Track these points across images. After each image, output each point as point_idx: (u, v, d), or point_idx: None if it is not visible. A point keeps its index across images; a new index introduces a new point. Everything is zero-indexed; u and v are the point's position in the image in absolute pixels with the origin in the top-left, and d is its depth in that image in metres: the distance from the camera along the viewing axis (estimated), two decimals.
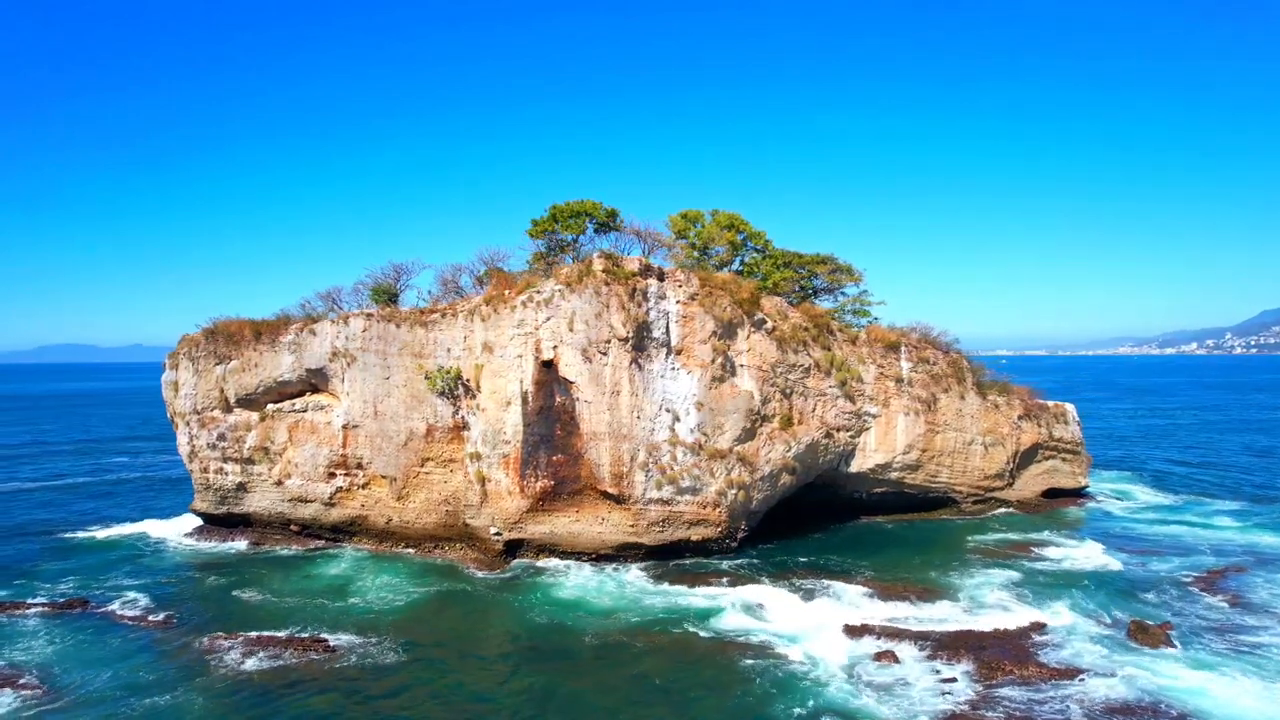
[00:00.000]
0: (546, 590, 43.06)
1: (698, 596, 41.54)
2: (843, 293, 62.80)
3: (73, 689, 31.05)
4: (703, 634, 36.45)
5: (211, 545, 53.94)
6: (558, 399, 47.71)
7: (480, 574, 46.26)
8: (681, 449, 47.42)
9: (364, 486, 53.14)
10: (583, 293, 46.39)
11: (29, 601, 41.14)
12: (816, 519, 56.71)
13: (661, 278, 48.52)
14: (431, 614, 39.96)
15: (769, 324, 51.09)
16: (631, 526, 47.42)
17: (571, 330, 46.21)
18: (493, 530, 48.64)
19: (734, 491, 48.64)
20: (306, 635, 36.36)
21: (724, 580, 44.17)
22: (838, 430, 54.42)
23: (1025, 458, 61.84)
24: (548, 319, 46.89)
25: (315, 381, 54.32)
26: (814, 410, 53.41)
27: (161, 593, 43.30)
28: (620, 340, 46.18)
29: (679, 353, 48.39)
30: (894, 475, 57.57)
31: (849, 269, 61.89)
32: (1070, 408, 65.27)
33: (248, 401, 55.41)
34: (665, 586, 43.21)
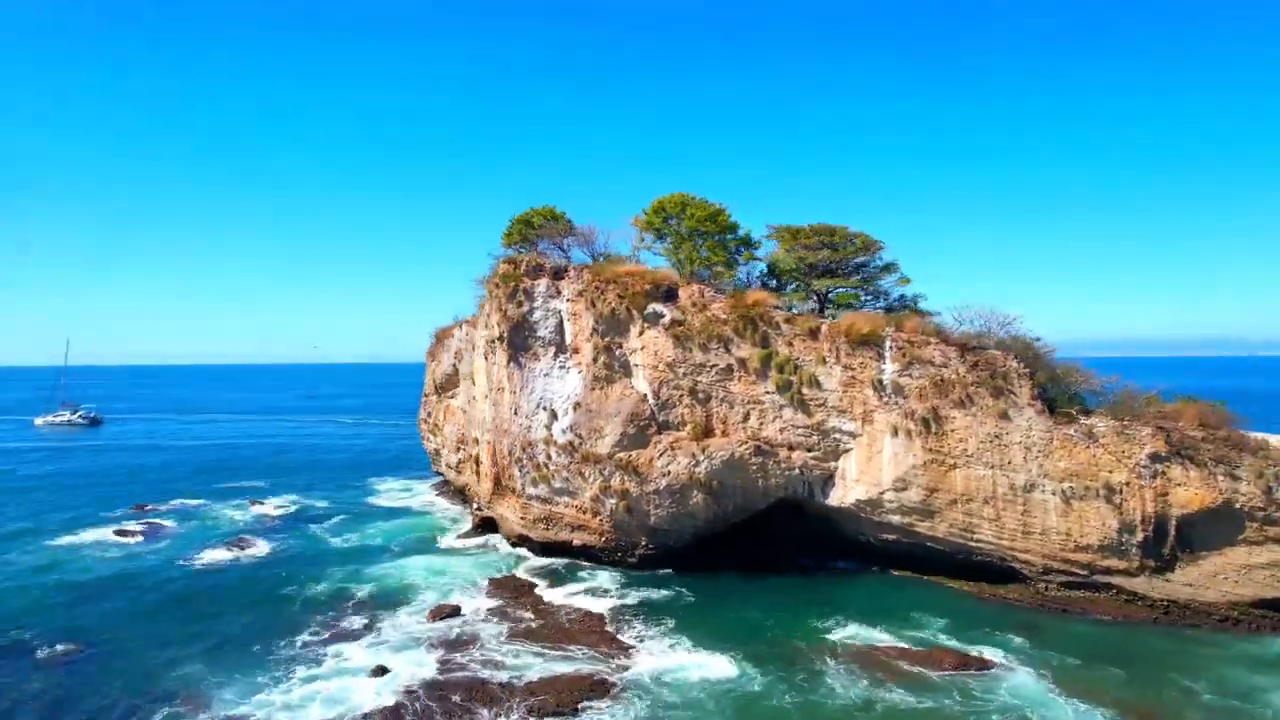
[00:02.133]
0: (433, 555, 48.72)
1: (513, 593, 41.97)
2: (871, 268, 46.72)
3: None
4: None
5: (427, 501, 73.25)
6: None
7: (456, 541, 53.43)
8: (555, 449, 46.54)
9: (473, 459, 65.50)
10: (488, 297, 50.07)
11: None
12: (819, 558, 45.30)
13: (559, 276, 48.00)
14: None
15: (667, 318, 44.66)
16: (521, 519, 48.74)
17: (479, 331, 50.43)
18: (474, 506, 55.77)
19: (614, 501, 45.03)
20: None
21: (567, 592, 42.44)
22: (790, 449, 43.13)
23: (1202, 528, 36.17)
24: (480, 325, 51.96)
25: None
26: (744, 420, 43.84)
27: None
28: (499, 339, 48.38)
29: (575, 351, 47.24)
30: (895, 519, 41.78)
31: (862, 240, 45.95)
32: None
33: (438, 389, 73.52)
34: (520, 574, 44.30)
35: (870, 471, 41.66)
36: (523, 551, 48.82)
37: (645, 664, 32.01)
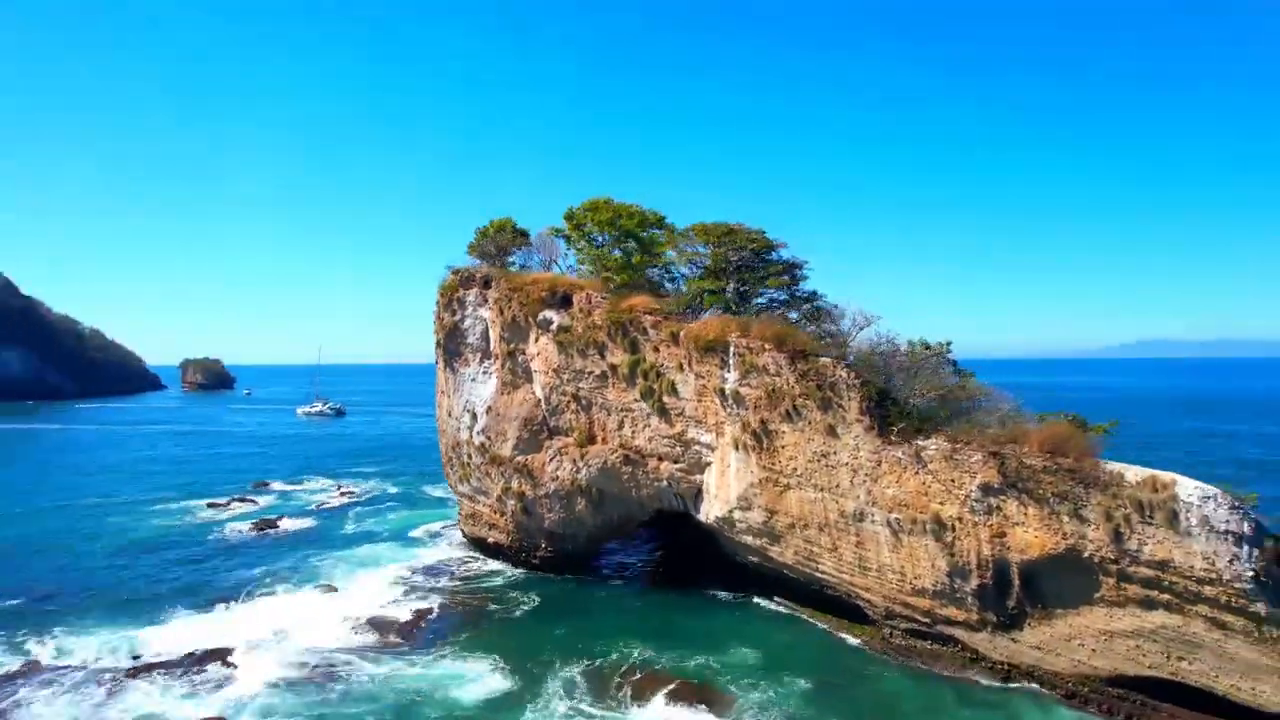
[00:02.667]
0: (398, 544, 53.55)
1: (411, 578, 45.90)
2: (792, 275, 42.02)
3: None
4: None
5: None
6: None
7: (429, 532, 58.37)
8: (474, 449, 48.89)
9: None
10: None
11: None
12: (705, 581, 43.05)
13: (487, 285, 50.06)
14: None
15: (555, 324, 44.82)
16: (460, 512, 51.72)
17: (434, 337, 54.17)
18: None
19: (512, 502, 46.57)
20: None
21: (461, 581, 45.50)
22: (659, 459, 41.47)
23: (1052, 580, 29.33)
24: None
25: None
26: (619, 428, 42.83)
27: None
28: (437, 345, 51.73)
29: (495, 357, 49.24)
30: (749, 540, 38.42)
31: (756, 236, 41.36)
32: (1191, 487, 25.99)
33: None
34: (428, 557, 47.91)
35: (724, 487, 38.78)
36: (473, 547, 51.79)
37: (389, 666, 33.09)
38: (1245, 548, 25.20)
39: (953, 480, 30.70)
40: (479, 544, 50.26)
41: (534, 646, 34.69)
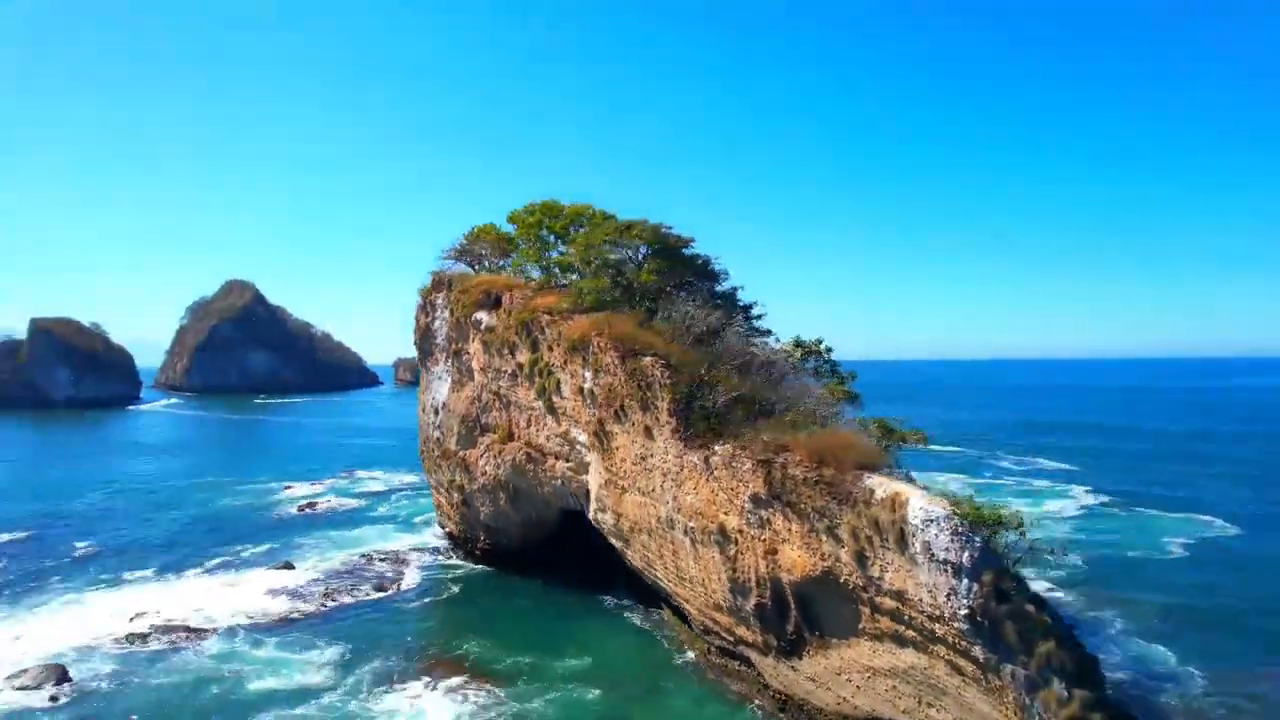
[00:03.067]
0: (397, 528, 57.73)
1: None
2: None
3: None
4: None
5: None
6: None
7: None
8: (435, 444, 51.53)
9: None
10: None
11: None
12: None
13: (452, 288, 52.40)
14: None
15: (484, 325, 46.12)
16: (439, 501, 54.60)
17: None
18: None
19: (456, 495, 48.77)
20: None
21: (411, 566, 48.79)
22: (556, 458, 41.60)
23: (822, 605, 26.44)
24: None
25: None
26: (527, 425, 43.36)
27: None
28: (415, 346, 54.95)
29: (448, 356, 51.58)
30: (614, 542, 37.46)
31: (657, 231, 39.25)
32: (918, 507, 21.95)
33: None
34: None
35: (593, 488, 38.16)
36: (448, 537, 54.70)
37: (227, 647, 35.89)
38: (964, 580, 21.26)
39: (733, 489, 28.39)
40: (449, 535, 52.93)
41: (393, 637, 36.28)
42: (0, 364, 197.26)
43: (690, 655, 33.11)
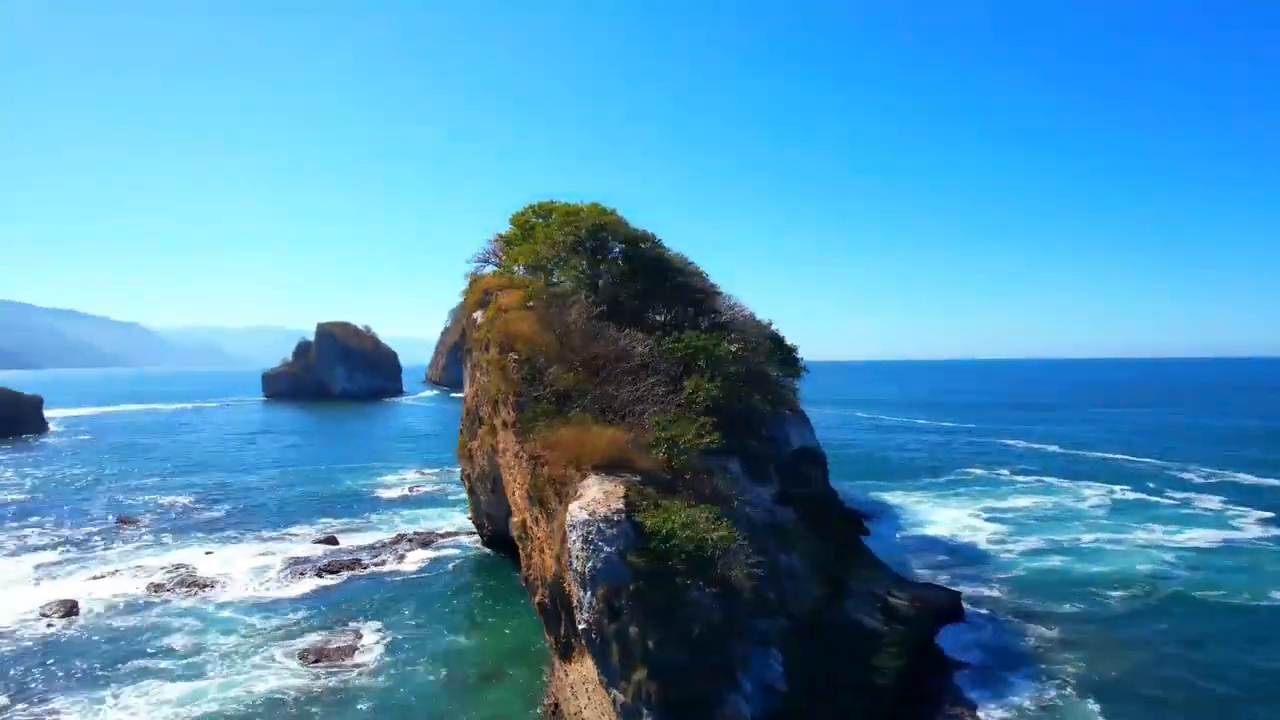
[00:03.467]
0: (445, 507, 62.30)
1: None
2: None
3: None
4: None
5: None
6: None
7: None
8: (459, 437, 54.89)
9: None
10: None
11: None
12: None
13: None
14: None
15: (478, 321, 48.31)
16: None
17: None
18: None
19: (465, 484, 51.76)
20: None
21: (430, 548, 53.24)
22: None
23: None
24: None
25: None
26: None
27: None
28: (460, 343, 58.62)
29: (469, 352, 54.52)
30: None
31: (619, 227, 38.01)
32: (584, 499, 20.04)
33: None
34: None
35: None
36: None
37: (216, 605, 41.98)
38: (587, 592, 19.46)
39: (522, 485, 27.86)
40: (471, 520, 56.20)
41: (359, 609, 40.01)
42: (297, 362, 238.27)
43: None
